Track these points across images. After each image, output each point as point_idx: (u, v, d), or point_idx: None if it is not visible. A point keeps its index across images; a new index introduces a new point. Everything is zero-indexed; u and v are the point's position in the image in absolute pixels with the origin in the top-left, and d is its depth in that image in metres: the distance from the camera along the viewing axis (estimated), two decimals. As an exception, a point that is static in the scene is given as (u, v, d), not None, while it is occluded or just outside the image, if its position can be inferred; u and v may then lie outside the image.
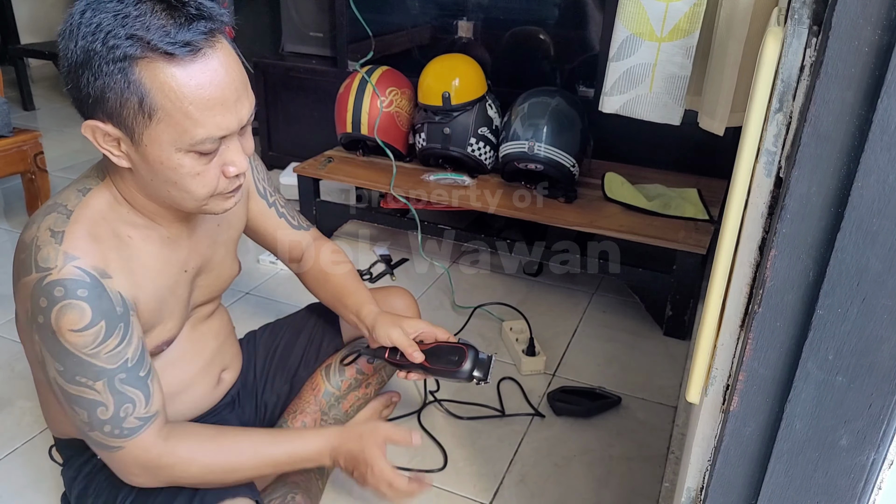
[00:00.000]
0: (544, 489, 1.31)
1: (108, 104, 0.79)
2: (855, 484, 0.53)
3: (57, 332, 0.83)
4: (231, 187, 0.89)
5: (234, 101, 0.83)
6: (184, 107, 0.79)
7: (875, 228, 0.45)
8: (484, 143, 2.03)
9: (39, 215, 0.88)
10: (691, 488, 0.73)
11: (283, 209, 1.20)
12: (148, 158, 0.83)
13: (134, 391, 0.88)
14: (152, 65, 0.77)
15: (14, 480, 1.31)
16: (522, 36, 2.45)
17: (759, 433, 0.55)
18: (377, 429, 1.04)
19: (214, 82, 0.80)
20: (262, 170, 1.17)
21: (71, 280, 0.82)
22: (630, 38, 1.59)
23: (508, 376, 1.62)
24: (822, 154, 0.46)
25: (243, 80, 0.85)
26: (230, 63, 0.83)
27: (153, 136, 0.81)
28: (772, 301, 0.50)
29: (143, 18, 0.76)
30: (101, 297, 0.84)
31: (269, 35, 3.10)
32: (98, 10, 0.77)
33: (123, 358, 0.87)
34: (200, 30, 0.79)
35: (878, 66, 0.42)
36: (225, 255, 1.09)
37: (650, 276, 1.79)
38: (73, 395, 0.87)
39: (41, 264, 0.83)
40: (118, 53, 0.76)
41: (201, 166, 0.84)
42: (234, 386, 1.21)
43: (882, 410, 0.50)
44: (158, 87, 0.78)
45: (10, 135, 2.06)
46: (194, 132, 0.80)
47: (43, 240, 0.84)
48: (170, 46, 0.77)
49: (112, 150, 0.83)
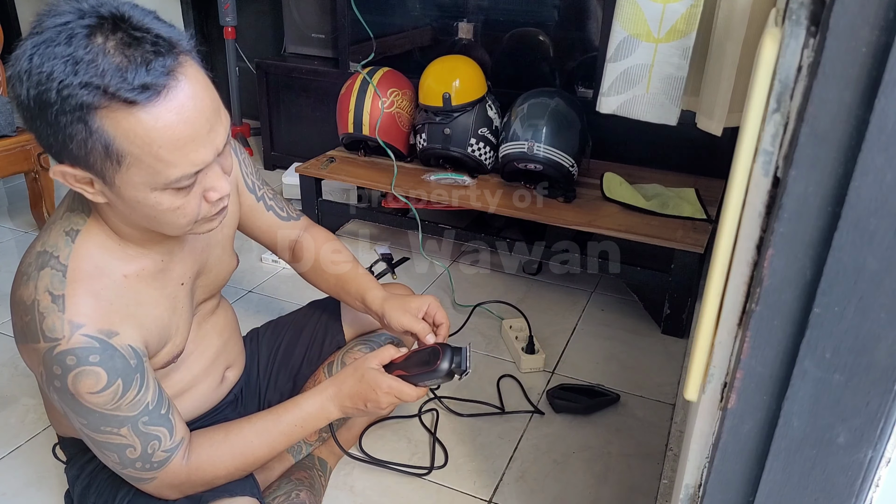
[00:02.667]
0: (544, 486, 1.32)
1: (72, 152, 0.74)
2: (852, 481, 0.54)
3: (76, 395, 0.83)
4: (214, 210, 0.86)
5: (206, 133, 0.77)
6: (153, 150, 0.74)
7: (872, 228, 0.45)
8: (484, 144, 2.03)
9: (32, 268, 0.85)
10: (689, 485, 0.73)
11: (272, 202, 1.18)
12: (123, 198, 0.79)
13: (158, 429, 0.90)
14: (113, 113, 0.71)
15: (17, 478, 1.31)
16: (522, 37, 2.45)
17: (756, 430, 0.56)
18: (365, 359, 1.05)
19: (183, 119, 0.74)
20: (248, 162, 1.14)
21: (81, 348, 0.82)
22: (627, 39, 1.59)
23: (508, 374, 1.62)
24: (820, 154, 0.46)
25: (215, 106, 0.79)
26: (198, 91, 0.76)
27: (125, 179, 0.76)
28: (769, 300, 0.51)
29: (96, 62, 0.70)
30: (113, 357, 0.84)
31: (271, 36, 3.10)
32: (46, 56, 0.70)
33: (144, 404, 0.88)
34: (159, 70, 0.72)
35: (875, 66, 0.43)
36: (222, 254, 1.08)
37: (648, 274, 1.80)
38: (100, 441, 0.88)
39: (48, 334, 0.82)
40: (73, 103, 0.70)
41: (180, 200, 0.80)
42: (237, 384, 1.21)
43: (879, 408, 0.50)
44: (123, 134, 0.72)
45: (14, 134, 2.06)
46: (168, 173, 0.76)
47: (45, 306, 0.82)
48: (129, 93, 0.70)
49: (86, 189, 0.79)
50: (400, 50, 2.59)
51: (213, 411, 1.15)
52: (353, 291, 1.19)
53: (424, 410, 1.50)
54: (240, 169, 1.11)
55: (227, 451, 0.97)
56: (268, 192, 1.18)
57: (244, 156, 1.13)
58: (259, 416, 1.01)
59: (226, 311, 1.18)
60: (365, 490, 1.30)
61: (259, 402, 1.27)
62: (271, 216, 1.18)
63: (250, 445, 0.98)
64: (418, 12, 2.62)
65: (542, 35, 2.42)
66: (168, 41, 0.74)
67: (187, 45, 0.77)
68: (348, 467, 1.35)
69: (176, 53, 0.74)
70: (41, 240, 0.88)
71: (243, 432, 0.99)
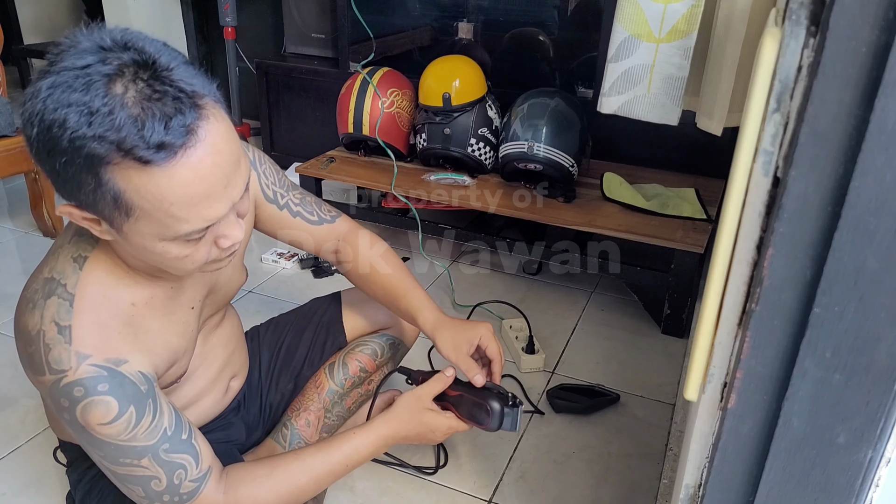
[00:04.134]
0: (543, 486, 1.32)
1: (79, 197, 0.72)
2: (852, 481, 0.54)
3: (87, 428, 0.81)
4: (225, 255, 0.83)
5: (222, 188, 0.74)
6: (164, 207, 0.71)
7: (872, 228, 0.45)
8: (484, 144, 2.03)
9: (38, 295, 0.82)
10: (689, 485, 0.73)
11: (299, 206, 1.13)
12: (130, 243, 0.77)
13: (182, 456, 0.86)
14: (125, 169, 0.68)
15: (17, 478, 1.31)
16: (522, 37, 2.45)
17: (756, 430, 0.56)
18: (419, 398, 1.04)
19: (199, 176, 0.71)
20: (270, 174, 1.09)
21: (88, 378, 0.79)
22: (628, 39, 1.59)
23: (508, 374, 1.62)
24: (820, 154, 0.46)
25: (234, 159, 0.75)
26: (218, 145, 0.72)
27: (133, 228, 0.74)
28: (769, 299, 0.51)
29: (113, 115, 0.66)
30: (122, 384, 0.81)
31: (271, 36, 3.10)
32: (61, 102, 0.66)
33: (161, 430, 0.85)
34: (178, 130, 0.68)
35: (875, 66, 0.43)
36: (232, 273, 1.06)
37: (648, 274, 1.80)
38: (122, 474, 0.85)
39: (54, 367, 0.80)
40: (84, 154, 0.67)
41: (189, 249, 0.78)
42: (240, 390, 1.21)
43: (879, 408, 0.50)
44: (134, 189, 0.69)
45: (14, 134, 2.06)
46: (178, 227, 0.73)
47: (50, 337, 0.80)
48: (144, 152, 0.67)
49: (93, 227, 0.77)
50: (400, 50, 2.60)
51: (217, 419, 1.15)
52: (405, 310, 1.14)
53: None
54: (258, 182, 1.07)
55: (271, 489, 0.94)
56: (293, 198, 1.12)
57: (265, 166, 1.09)
58: (307, 453, 0.99)
59: (231, 320, 1.16)
60: (365, 490, 1.30)
61: (261, 404, 1.26)
62: (299, 221, 1.13)
63: (297, 483, 0.96)
64: (418, 12, 2.62)
65: (542, 35, 2.42)
66: (191, 95, 0.70)
67: (212, 96, 0.73)
68: (348, 467, 1.35)
69: (199, 108, 0.70)
70: (48, 265, 0.85)
71: (290, 469, 0.96)
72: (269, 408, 1.27)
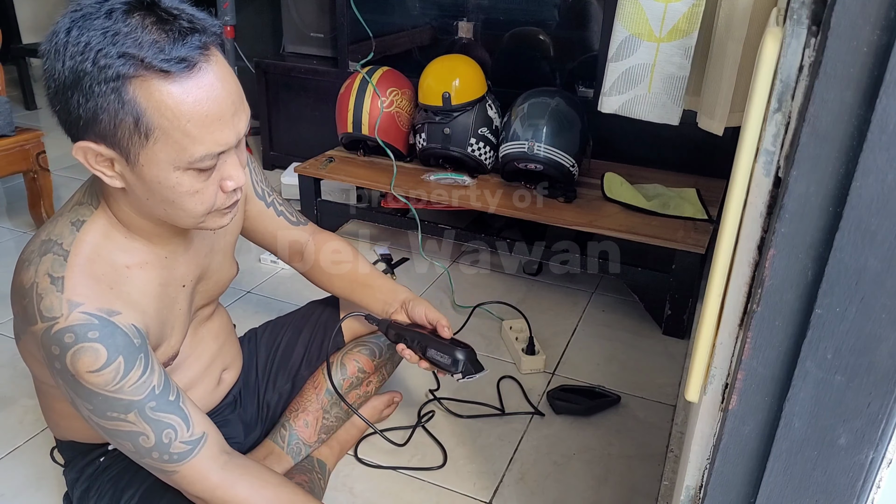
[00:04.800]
0: (544, 487, 1.32)
1: (100, 125, 0.76)
2: (854, 482, 0.53)
3: (76, 376, 0.82)
4: (229, 202, 0.87)
5: (231, 115, 0.80)
6: (181, 125, 0.76)
7: (874, 228, 0.45)
8: (484, 144, 2.03)
9: (35, 254, 0.85)
10: (690, 486, 0.73)
11: (282, 207, 1.20)
12: (144, 178, 0.80)
13: (170, 416, 0.87)
14: (147, 83, 0.74)
15: (15, 479, 1.31)
16: (522, 37, 2.45)
17: (757, 432, 0.55)
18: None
19: (212, 97, 0.77)
20: (258, 171, 1.17)
21: (79, 325, 0.81)
22: (629, 38, 1.59)
23: (508, 375, 1.62)
24: (821, 154, 0.46)
25: (239, 93, 0.82)
26: (226, 76, 0.79)
27: (150, 155, 0.77)
28: (770, 300, 0.51)
29: (135, 35, 0.73)
30: (113, 334, 0.83)
31: (270, 35, 3.10)
32: (85, 28, 0.73)
33: (150, 387, 0.86)
34: (195, 44, 0.75)
35: (876, 65, 0.43)
36: (223, 260, 1.08)
37: (649, 275, 1.79)
38: (110, 429, 0.86)
39: (46, 314, 0.81)
40: (110, 73, 0.72)
41: (200, 183, 0.81)
42: (235, 385, 1.21)
43: (881, 409, 0.50)
44: (154, 106, 0.74)
45: (13, 134, 2.06)
46: (193, 150, 0.78)
47: (43, 287, 0.82)
48: (165, 63, 0.73)
49: (105, 171, 0.80)
50: (399, 49, 2.59)
51: (212, 413, 1.15)
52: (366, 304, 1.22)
53: (424, 413, 1.50)
54: (250, 177, 1.12)
55: (268, 498, 0.93)
56: (277, 199, 1.19)
57: (253, 164, 1.14)
58: None
59: (221, 315, 1.18)
60: (364, 492, 1.30)
61: (258, 403, 1.27)
62: (282, 221, 1.19)
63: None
64: (418, 11, 2.62)
65: (543, 34, 2.42)
66: (202, 21, 0.77)
67: (216, 30, 0.79)
68: (348, 468, 1.35)
69: (209, 34, 0.77)
70: (46, 230, 0.88)
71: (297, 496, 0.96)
72: (267, 407, 1.27)
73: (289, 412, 1.25)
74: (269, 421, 1.28)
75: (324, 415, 1.25)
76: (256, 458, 1.20)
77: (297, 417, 1.24)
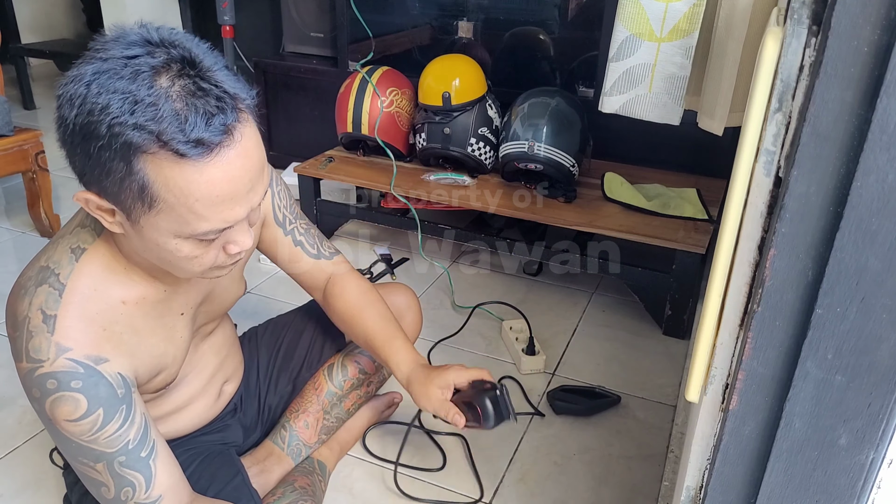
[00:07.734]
0: (544, 488, 1.32)
1: (104, 183, 0.72)
2: (854, 483, 0.53)
3: (53, 422, 0.81)
4: (230, 262, 0.83)
5: (246, 192, 0.75)
6: (189, 203, 0.72)
7: (874, 228, 0.45)
8: (484, 143, 2.03)
9: (31, 283, 0.82)
10: (691, 487, 0.73)
11: (302, 237, 1.13)
12: (143, 237, 0.77)
13: (133, 474, 0.85)
14: (158, 158, 0.69)
15: (15, 479, 1.31)
16: (522, 36, 2.45)
17: (758, 432, 0.55)
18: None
19: (227, 178, 0.72)
20: (284, 196, 1.09)
21: (63, 372, 0.79)
22: (630, 38, 1.59)
23: (508, 375, 1.62)
24: (822, 154, 0.46)
25: (260, 165, 0.77)
26: (249, 150, 0.74)
27: (152, 222, 0.74)
28: (771, 300, 0.51)
29: (157, 106, 0.67)
30: (97, 384, 0.81)
31: (269, 35, 3.09)
32: (105, 88, 0.67)
33: (124, 441, 0.84)
34: (218, 127, 0.70)
35: (877, 65, 0.43)
36: (229, 283, 1.05)
37: (649, 275, 1.79)
38: (78, 470, 0.86)
39: (32, 355, 0.79)
40: (122, 141, 0.68)
41: (200, 250, 0.78)
42: (236, 394, 1.20)
43: (881, 409, 0.50)
44: (163, 181, 0.70)
45: (11, 134, 2.06)
46: (197, 225, 0.74)
47: (35, 324, 0.80)
48: (181, 146, 0.68)
49: (105, 217, 0.77)
50: (399, 49, 2.59)
51: (212, 422, 1.15)
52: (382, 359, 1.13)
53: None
54: (271, 201, 1.07)
55: None
56: (300, 227, 1.12)
57: (280, 188, 1.09)
58: None
59: (224, 329, 1.15)
60: (364, 492, 1.30)
61: (259, 406, 1.26)
62: (298, 252, 1.13)
63: None
64: (418, 11, 2.61)
65: (543, 34, 2.42)
66: (233, 97, 0.72)
67: (249, 102, 0.75)
68: (348, 468, 1.35)
69: (239, 110, 0.72)
70: (46, 253, 0.85)
71: None
72: (268, 409, 1.27)
73: (289, 413, 1.25)
74: (269, 422, 1.27)
75: (324, 416, 1.25)
76: (256, 459, 1.20)
77: (298, 418, 1.24)
